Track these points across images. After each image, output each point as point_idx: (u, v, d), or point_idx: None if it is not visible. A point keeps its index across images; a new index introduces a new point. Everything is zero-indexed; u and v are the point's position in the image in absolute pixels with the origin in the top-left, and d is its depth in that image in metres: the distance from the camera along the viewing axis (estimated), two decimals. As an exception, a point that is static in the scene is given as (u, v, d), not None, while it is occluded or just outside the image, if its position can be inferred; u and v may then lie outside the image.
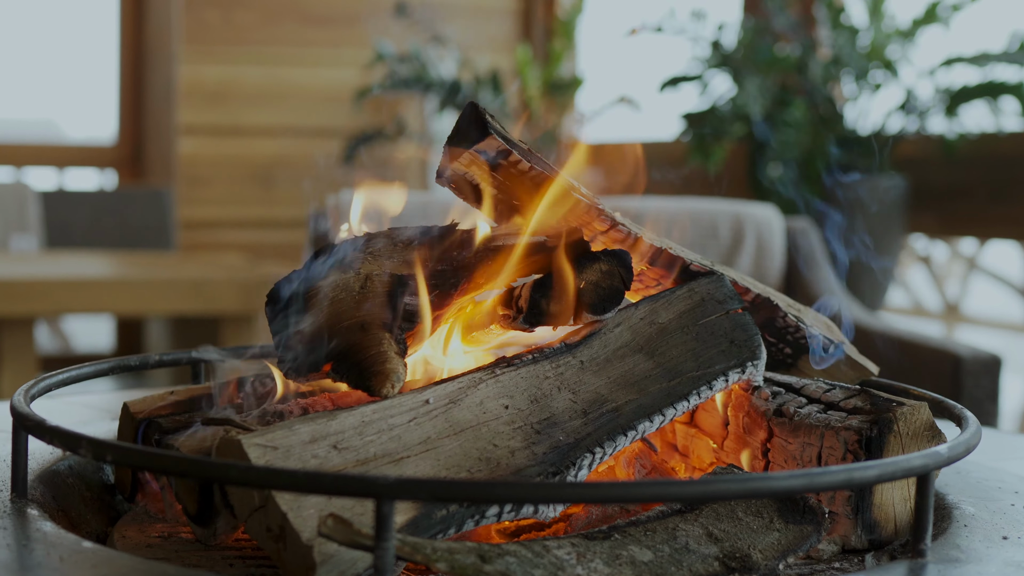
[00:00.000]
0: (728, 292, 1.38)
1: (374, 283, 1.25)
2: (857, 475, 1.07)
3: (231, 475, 1.01)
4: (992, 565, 1.12)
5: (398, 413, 1.15)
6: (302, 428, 1.11)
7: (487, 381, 1.22)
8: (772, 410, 1.32)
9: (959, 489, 1.36)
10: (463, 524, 1.11)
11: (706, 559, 1.10)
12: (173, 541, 1.24)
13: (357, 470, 1.10)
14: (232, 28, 5.89)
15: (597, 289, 1.28)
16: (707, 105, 4.19)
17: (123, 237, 5.30)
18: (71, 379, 1.43)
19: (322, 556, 1.03)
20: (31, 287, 3.62)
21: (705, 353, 1.33)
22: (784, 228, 3.28)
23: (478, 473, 1.15)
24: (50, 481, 1.32)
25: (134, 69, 6.41)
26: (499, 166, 1.30)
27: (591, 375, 1.27)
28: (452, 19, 5.74)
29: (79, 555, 1.07)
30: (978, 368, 2.59)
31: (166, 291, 3.76)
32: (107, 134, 6.53)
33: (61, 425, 1.14)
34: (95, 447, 1.08)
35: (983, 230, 4.24)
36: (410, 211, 1.51)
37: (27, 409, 1.21)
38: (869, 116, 4.09)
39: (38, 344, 4.22)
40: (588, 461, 1.21)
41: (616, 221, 1.35)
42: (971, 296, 5.55)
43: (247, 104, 5.92)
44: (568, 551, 1.06)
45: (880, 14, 4.01)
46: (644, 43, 4.24)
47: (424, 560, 0.98)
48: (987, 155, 3.93)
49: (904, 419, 1.23)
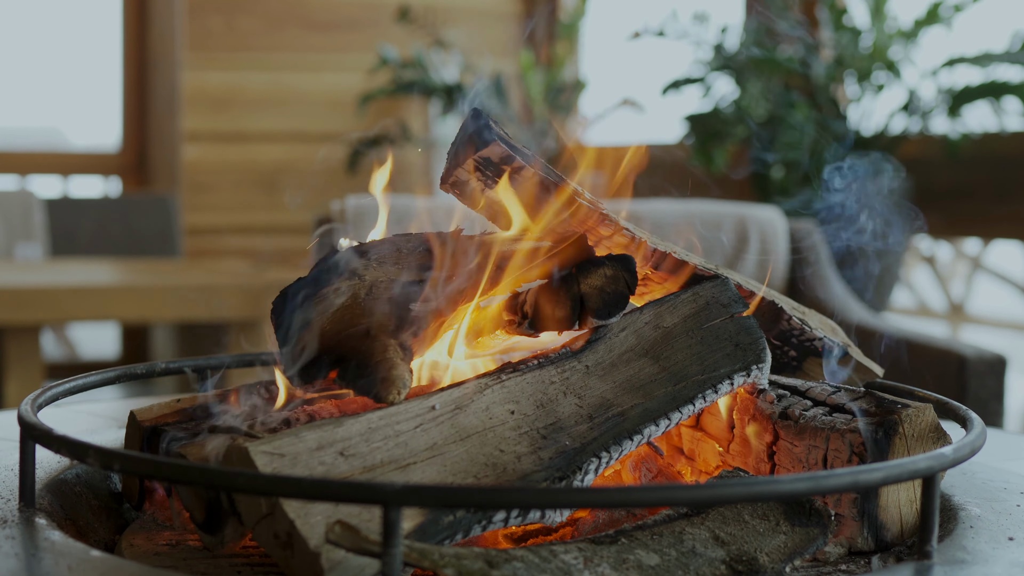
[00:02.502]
0: (732, 295, 1.38)
1: (379, 290, 1.25)
2: (863, 478, 1.07)
3: (238, 483, 1.01)
4: (998, 566, 1.12)
5: (404, 419, 1.16)
6: (309, 435, 1.11)
7: (493, 387, 1.22)
8: (778, 413, 1.32)
9: (965, 490, 1.36)
10: (470, 529, 1.11)
11: (713, 562, 1.11)
12: (181, 549, 1.24)
13: (364, 477, 1.10)
14: (235, 34, 5.90)
15: (602, 294, 1.29)
16: (710, 107, 4.19)
17: (128, 244, 5.30)
18: (78, 388, 1.43)
19: (330, 563, 1.03)
20: (36, 295, 3.62)
21: (710, 357, 1.33)
22: (787, 230, 3.28)
23: (484, 479, 1.15)
24: (58, 490, 1.32)
25: (138, 76, 6.42)
26: (503, 172, 1.30)
27: (597, 380, 1.27)
28: (455, 23, 5.75)
29: (87, 564, 1.07)
30: (983, 368, 2.59)
31: (171, 298, 3.77)
32: (111, 141, 6.53)
33: (68, 434, 1.15)
34: (102, 456, 1.08)
35: (987, 230, 4.24)
36: (414, 217, 1.51)
37: (34, 418, 1.22)
38: (872, 117, 4.09)
39: (44, 352, 4.23)
40: (594, 466, 1.21)
41: (620, 225, 1.35)
42: (975, 296, 5.55)
43: (251, 110, 5.93)
44: (575, 556, 1.06)
45: (882, 15, 4.01)
46: (647, 46, 4.24)
47: (432, 566, 0.98)
48: (990, 155, 3.93)
49: (909, 421, 1.24)
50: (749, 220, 3.23)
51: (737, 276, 1.43)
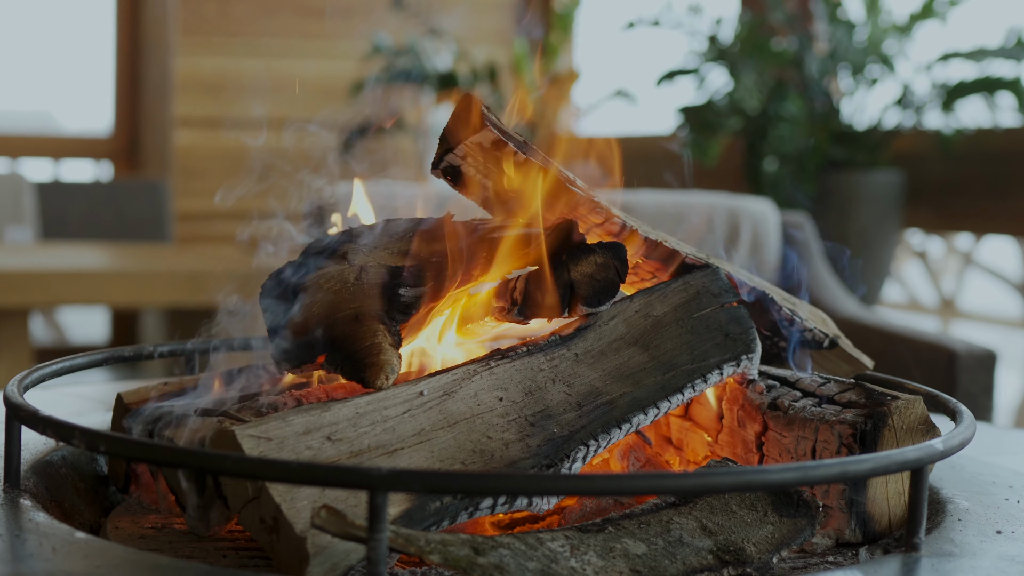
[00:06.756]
0: (723, 285, 1.38)
1: (368, 274, 1.24)
2: (851, 468, 1.07)
3: (225, 466, 1.01)
4: (986, 559, 1.12)
5: (392, 405, 1.15)
6: (296, 419, 1.10)
7: (482, 373, 1.22)
8: (767, 403, 1.32)
9: (953, 483, 1.36)
10: (457, 516, 1.11)
11: (700, 552, 1.10)
12: (166, 532, 1.23)
13: (351, 462, 1.10)
14: (229, 20, 5.88)
15: (592, 282, 1.28)
16: (704, 99, 4.19)
17: (119, 229, 5.28)
18: (65, 369, 1.43)
19: (315, 547, 1.02)
20: (26, 278, 3.61)
21: (700, 346, 1.32)
22: (779, 222, 3.28)
23: (472, 465, 1.15)
24: (43, 472, 1.32)
25: (130, 60, 6.39)
26: (495, 157, 1.30)
27: (586, 368, 1.27)
28: (449, 11, 5.73)
29: (72, 546, 1.06)
30: (973, 363, 2.59)
31: (162, 283, 3.75)
32: (103, 125, 6.51)
33: (55, 415, 1.14)
34: (88, 437, 1.08)
35: (979, 225, 4.24)
36: (405, 202, 1.50)
37: (20, 399, 1.21)
38: (866, 111, 4.09)
39: (33, 335, 4.22)
40: (582, 454, 1.21)
41: (611, 214, 1.34)
42: (967, 291, 5.55)
43: (243, 96, 5.91)
44: (562, 543, 1.06)
45: (877, 9, 4.01)
46: (641, 37, 4.24)
47: (418, 552, 0.98)
48: (983, 150, 3.93)
49: (899, 413, 1.24)
50: (741, 212, 3.23)
51: (728, 266, 1.43)
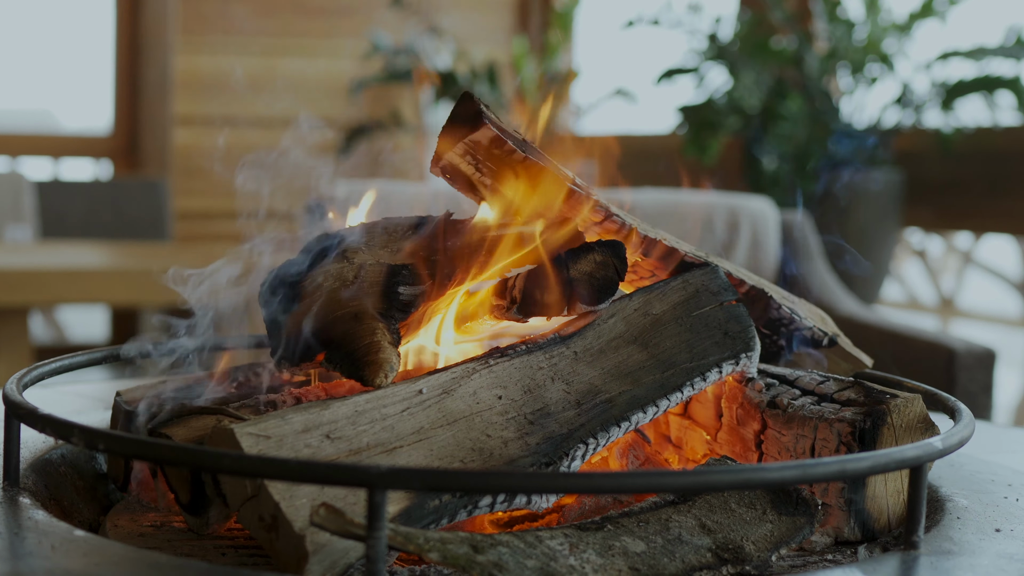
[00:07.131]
0: (722, 283, 1.38)
1: (368, 273, 1.24)
2: (850, 466, 1.07)
3: (224, 464, 1.01)
4: (984, 557, 1.12)
5: (391, 403, 1.15)
6: (295, 417, 1.10)
7: (481, 371, 1.22)
8: (766, 402, 1.32)
9: (952, 482, 1.36)
10: (456, 514, 1.11)
11: (699, 550, 1.10)
12: (165, 530, 1.23)
13: (350, 460, 1.10)
14: (228, 19, 5.88)
15: (591, 280, 1.28)
16: (703, 98, 4.19)
17: (118, 227, 5.28)
18: (64, 367, 1.43)
19: (314, 545, 1.02)
20: (26, 277, 3.61)
21: (699, 344, 1.32)
22: (779, 221, 3.28)
23: (471, 463, 1.15)
24: (42, 470, 1.32)
25: (130, 59, 6.39)
26: (493, 155, 1.30)
27: (585, 366, 1.27)
28: (448, 10, 5.73)
29: (71, 543, 1.06)
30: (972, 362, 2.59)
31: (161, 282, 3.75)
32: (103, 124, 6.51)
33: (54, 414, 1.14)
34: (87, 435, 1.08)
35: (979, 224, 4.24)
36: (405, 201, 1.50)
37: (20, 397, 1.21)
38: (865, 110, 4.09)
39: (32, 334, 4.21)
40: (581, 452, 1.21)
41: (611, 212, 1.34)
42: (966, 290, 5.55)
43: (243, 95, 5.91)
44: (561, 541, 1.06)
45: (876, 8, 4.01)
46: (641, 36, 4.24)
47: (416, 550, 0.98)
48: (983, 149, 3.93)
49: (898, 411, 1.23)
50: (741, 211, 3.23)
51: (727, 264, 1.43)
